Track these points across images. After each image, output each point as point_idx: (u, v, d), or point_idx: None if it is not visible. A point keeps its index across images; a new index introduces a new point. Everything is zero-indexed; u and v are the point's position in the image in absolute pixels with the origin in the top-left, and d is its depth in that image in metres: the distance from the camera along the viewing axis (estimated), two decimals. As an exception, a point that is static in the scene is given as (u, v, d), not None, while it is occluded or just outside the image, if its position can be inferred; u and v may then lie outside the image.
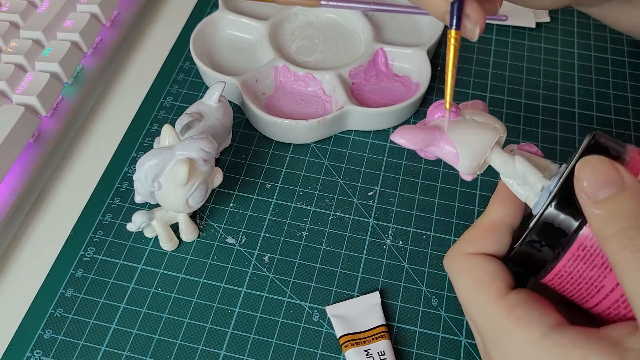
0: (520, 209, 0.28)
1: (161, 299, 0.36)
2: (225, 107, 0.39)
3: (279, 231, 0.39)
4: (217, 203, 0.40)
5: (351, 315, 0.35)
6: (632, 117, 0.46)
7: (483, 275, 0.27)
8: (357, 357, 0.33)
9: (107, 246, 0.38)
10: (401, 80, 0.46)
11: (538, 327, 0.24)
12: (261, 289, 0.36)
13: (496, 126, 0.27)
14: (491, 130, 0.27)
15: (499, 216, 0.28)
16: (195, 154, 0.33)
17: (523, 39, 0.51)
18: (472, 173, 0.27)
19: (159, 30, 0.51)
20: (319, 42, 0.48)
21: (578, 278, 0.25)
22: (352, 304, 0.35)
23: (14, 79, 0.41)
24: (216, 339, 0.34)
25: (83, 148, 0.43)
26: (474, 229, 0.29)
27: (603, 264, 0.24)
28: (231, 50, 0.48)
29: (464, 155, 0.27)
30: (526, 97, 0.47)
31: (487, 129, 0.27)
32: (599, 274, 0.24)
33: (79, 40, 0.44)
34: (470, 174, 0.27)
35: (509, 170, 0.27)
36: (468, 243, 0.28)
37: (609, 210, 0.22)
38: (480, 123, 0.27)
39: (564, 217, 0.24)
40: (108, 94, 0.46)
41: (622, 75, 0.49)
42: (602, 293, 0.24)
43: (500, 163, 0.27)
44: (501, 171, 0.27)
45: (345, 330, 0.34)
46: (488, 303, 0.26)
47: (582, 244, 0.24)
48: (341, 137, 0.44)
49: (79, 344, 0.34)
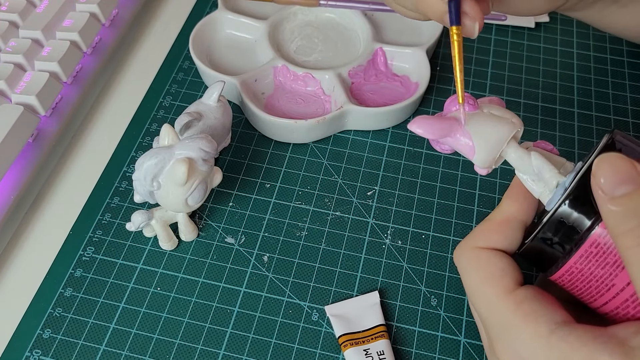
0: (534, 205, 0.28)
1: (160, 298, 0.36)
2: (224, 106, 0.39)
3: (278, 231, 0.39)
4: (216, 202, 0.40)
5: (350, 314, 0.35)
6: (631, 117, 0.46)
7: (493, 270, 0.27)
8: (356, 356, 0.33)
9: (106, 246, 0.38)
10: (400, 79, 0.46)
11: (545, 323, 0.24)
12: (260, 289, 0.36)
13: (513, 121, 0.27)
14: (508, 124, 0.27)
15: (512, 212, 0.28)
16: (195, 153, 0.33)
17: (522, 39, 0.51)
18: (488, 167, 0.27)
19: (158, 30, 0.51)
20: (318, 42, 0.48)
21: (589, 275, 0.25)
22: (351, 304, 0.35)
23: (13, 78, 0.41)
24: (215, 338, 0.34)
25: (82, 147, 0.43)
26: (486, 223, 0.28)
27: (615, 262, 0.24)
28: (230, 49, 0.48)
29: (480, 147, 0.26)
30: (525, 97, 0.47)
31: (504, 122, 0.27)
32: (610, 273, 0.24)
33: (78, 40, 0.44)
34: (485, 167, 0.27)
35: (525, 166, 0.27)
36: (480, 237, 0.28)
37: (625, 206, 0.22)
38: (498, 117, 0.27)
39: (577, 215, 0.24)
40: (107, 94, 0.46)
41: (621, 75, 0.49)
42: (612, 292, 0.24)
43: (516, 158, 0.27)
44: (516, 166, 0.27)
45: (344, 330, 0.34)
46: (496, 297, 0.26)
47: (595, 241, 0.24)
48: (340, 137, 0.44)
49: (78, 344, 0.34)
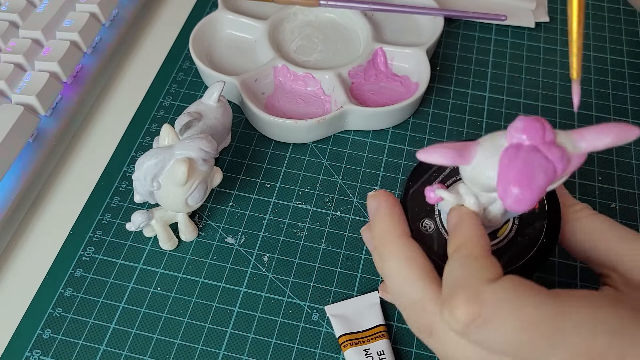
0: None
1: (160, 298, 0.36)
2: (224, 106, 0.39)
3: (278, 231, 0.39)
4: (216, 203, 0.40)
5: (350, 314, 0.35)
6: (631, 117, 0.46)
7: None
8: (356, 356, 0.33)
9: (107, 246, 0.38)
10: (400, 80, 0.46)
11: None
12: (260, 289, 0.36)
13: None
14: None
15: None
16: (195, 153, 0.33)
17: (522, 39, 0.51)
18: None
19: (158, 30, 0.51)
20: (319, 42, 0.48)
21: None
22: (351, 304, 0.35)
23: (13, 78, 0.41)
24: (215, 338, 0.34)
25: (82, 147, 0.43)
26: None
27: None
28: (230, 49, 0.48)
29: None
30: (525, 97, 0.47)
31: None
32: None
33: (78, 40, 0.44)
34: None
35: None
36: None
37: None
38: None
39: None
40: (107, 94, 0.46)
41: (622, 76, 0.49)
42: None
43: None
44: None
45: (344, 330, 0.34)
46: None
47: None
48: (340, 137, 0.44)
49: (78, 344, 0.34)
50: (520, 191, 0.22)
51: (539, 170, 0.22)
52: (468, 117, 0.45)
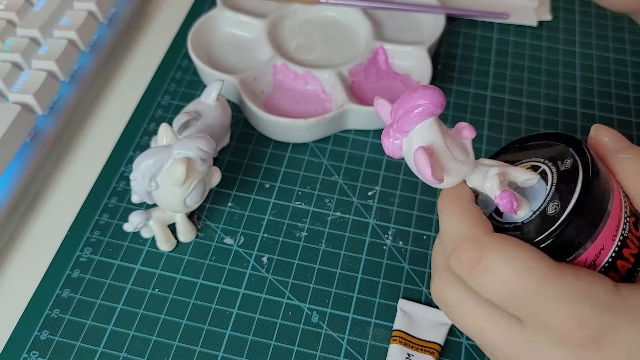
0: None
1: (159, 300, 0.35)
2: (223, 105, 0.39)
3: (277, 231, 0.38)
4: (215, 203, 0.40)
5: (417, 318, 0.35)
6: (634, 116, 0.46)
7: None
8: (397, 355, 0.33)
9: (104, 246, 0.37)
10: (401, 78, 0.46)
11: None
12: (260, 290, 0.36)
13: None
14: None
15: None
16: (193, 153, 0.33)
17: (524, 38, 0.51)
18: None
19: (156, 28, 0.51)
20: (319, 40, 0.48)
21: None
22: (424, 310, 0.35)
23: (10, 77, 0.40)
24: (214, 340, 0.34)
25: (80, 147, 0.43)
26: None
27: None
28: (229, 48, 0.47)
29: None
30: (528, 96, 0.47)
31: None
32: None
33: (75, 39, 0.44)
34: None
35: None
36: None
37: (635, 152, 0.26)
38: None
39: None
40: (105, 93, 0.46)
41: (624, 74, 0.48)
42: None
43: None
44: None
45: (403, 327, 0.34)
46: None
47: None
48: (341, 136, 0.44)
49: (76, 345, 0.34)
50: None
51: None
52: (470, 117, 0.45)
